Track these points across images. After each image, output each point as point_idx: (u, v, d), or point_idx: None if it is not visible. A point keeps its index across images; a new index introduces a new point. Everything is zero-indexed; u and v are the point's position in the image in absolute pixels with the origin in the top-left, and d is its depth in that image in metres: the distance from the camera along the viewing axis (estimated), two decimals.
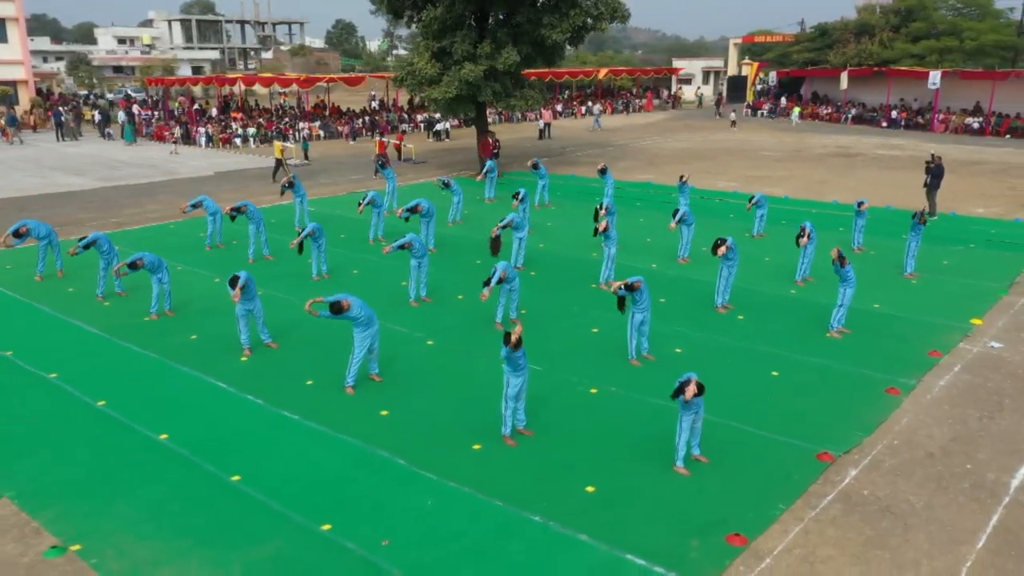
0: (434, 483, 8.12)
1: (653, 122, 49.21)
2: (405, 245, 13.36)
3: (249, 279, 11.27)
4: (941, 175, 20.65)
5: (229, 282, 11.03)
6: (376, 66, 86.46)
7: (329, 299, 9.83)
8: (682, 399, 7.91)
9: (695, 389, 7.82)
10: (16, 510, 7.66)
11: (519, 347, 8.56)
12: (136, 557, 6.93)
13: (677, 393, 7.93)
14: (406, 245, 13.37)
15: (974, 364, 11.07)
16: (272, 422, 9.48)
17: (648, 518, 7.47)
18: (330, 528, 7.33)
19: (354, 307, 9.91)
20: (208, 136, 36.84)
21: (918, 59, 43.94)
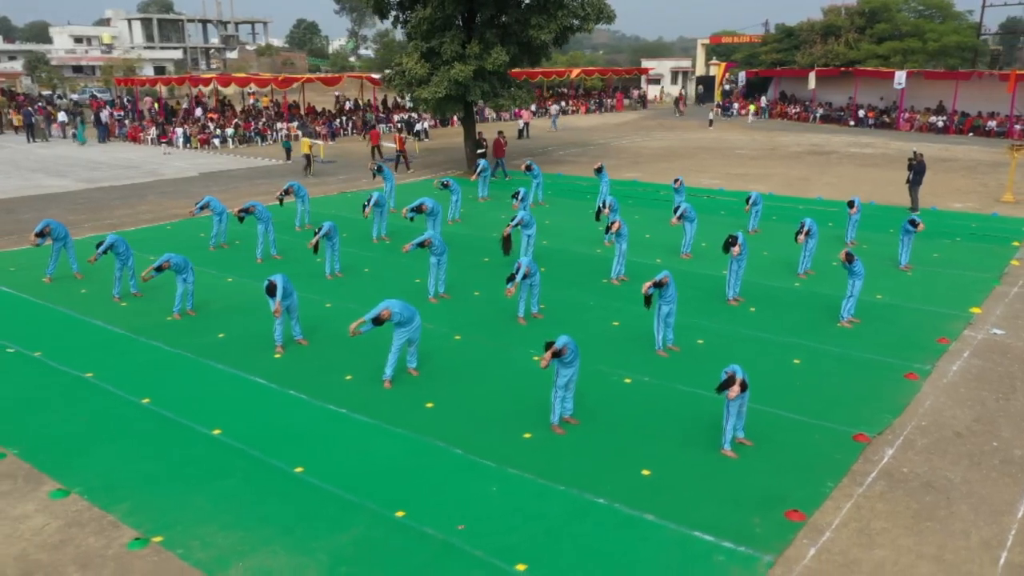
0: (494, 470, 8.39)
1: (627, 121, 49.86)
2: (424, 243, 13.58)
3: (286, 281, 11.35)
4: (923, 172, 21.42)
5: (267, 290, 11.12)
6: (343, 66, 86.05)
7: (369, 316, 9.97)
8: (723, 392, 8.28)
9: (739, 390, 8.20)
10: (88, 505, 7.76)
11: (561, 355, 8.84)
12: (221, 546, 7.10)
13: (723, 388, 8.29)
14: (425, 243, 13.59)
15: (981, 350, 11.66)
16: (321, 416, 9.66)
17: (706, 498, 7.84)
18: (404, 515, 7.57)
19: (395, 314, 10.12)
20: (186, 137, 36.45)
21: (883, 59, 45.21)
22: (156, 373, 10.92)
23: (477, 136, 28.63)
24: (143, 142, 38.27)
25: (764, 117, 49.84)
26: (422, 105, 26.58)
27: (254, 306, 13.74)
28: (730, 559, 6.89)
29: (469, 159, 28.74)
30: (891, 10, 47.81)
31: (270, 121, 39.83)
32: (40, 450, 8.79)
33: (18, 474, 8.33)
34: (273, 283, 11.17)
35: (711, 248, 17.48)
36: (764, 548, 7.01)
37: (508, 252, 15.16)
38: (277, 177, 28.40)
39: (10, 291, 14.60)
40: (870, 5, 48.54)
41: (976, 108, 41.31)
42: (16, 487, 8.08)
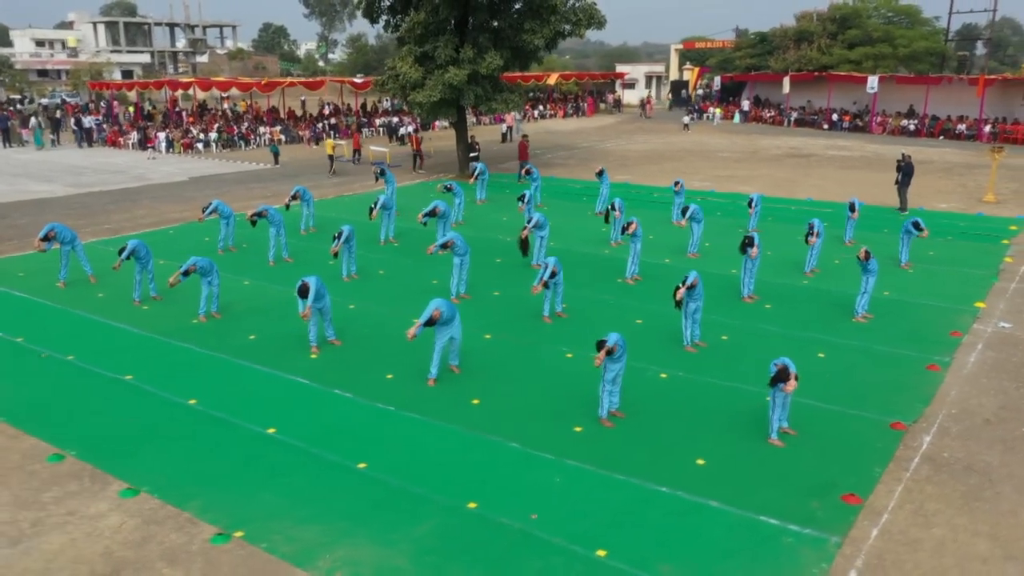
0: (553, 462, 8.62)
1: (606, 125, 50.40)
2: (448, 244, 13.77)
3: (320, 284, 11.47)
4: (911, 173, 22.11)
5: (299, 292, 11.21)
6: (315, 70, 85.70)
7: (423, 319, 10.15)
8: (777, 385, 8.61)
9: (795, 383, 8.53)
10: (160, 503, 7.84)
11: (612, 352, 9.11)
12: (304, 539, 7.24)
13: (777, 381, 8.62)
14: (448, 244, 13.78)
15: (993, 342, 12.17)
16: (371, 414, 9.80)
17: (763, 485, 8.15)
18: (476, 506, 7.77)
19: (444, 312, 10.33)
20: (169, 141, 36.12)
21: (855, 65, 46.28)
22: (196, 374, 10.98)
23: (470, 140, 28.84)
24: (123, 147, 37.83)
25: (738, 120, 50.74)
26: (416, 109, 26.69)
27: (277, 308, 13.84)
28: (799, 541, 7.20)
29: (462, 162, 28.95)
30: (861, 16, 48.98)
31: (253, 125, 39.60)
32: (98, 451, 8.82)
33: (83, 474, 8.37)
34: (306, 285, 11.25)
35: (715, 248, 17.95)
36: (829, 530, 7.34)
37: (526, 254, 15.42)
38: (267, 181, 28.37)
39: (27, 296, 14.49)
40: (841, 12, 49.69)
41: (946, 112, 42.50)
42: (84, 487, 8.13)
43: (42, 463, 8.60)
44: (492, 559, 6.98)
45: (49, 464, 8.57)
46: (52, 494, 8.00)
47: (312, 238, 19.10)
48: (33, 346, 11.98)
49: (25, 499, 7.90)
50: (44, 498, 7.92)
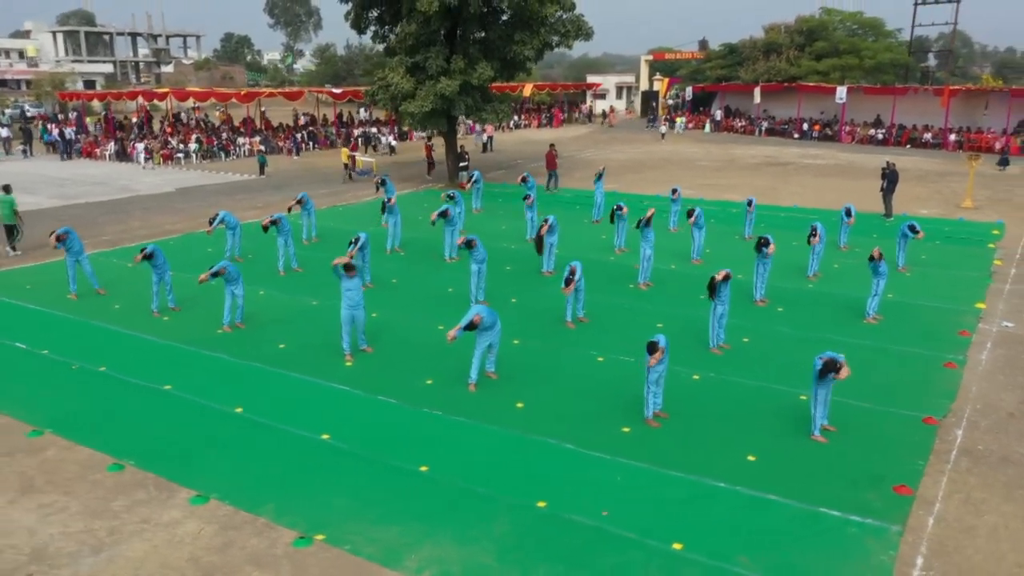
0: (609, 461, 8.87)
1: (581, 135, 50.96)
2: (472, 243, 14.02)
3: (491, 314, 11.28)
4: (896, 180, 22.87)
5: (345, 268, 11.48)
6: (282, 80, 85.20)
7: (463, 323, 10.33)
8: (827, 376, 8.96)
9: (848, 371, 8.89)
10: (232, 509, 7.91)
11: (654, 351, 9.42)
12: (384, 540, 7.37)
13: (825, 373, 8.97)
14: (472, 243, 14.02)
15: (1001, 341, 12.72)
16: (420, 418, 9.95)
17: (816, 478, 8.48)
18: (546, 505, 7.97)
19: (485, 318, 10.53)
20: (148, 152, 35.72)
21: (823, 75, 47.52)
22: (235, 383, 11.02)
23: (459, 149, 29.06)
24: (99, 158, 37.32)
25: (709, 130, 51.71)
26: (408, 119, 26.85)
27: (298, 318, 13.96)
28: (862, 531, 7.53)
29: (451, 172, 29.15)
30: (828, 29, 50.33)
31: (232, 136, 39.33)
32: (157, 460, 8.85)
33: (146, 483, 8.40)
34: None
35: (716, 254, 18.38)
36: (888, 519, 7.68)
37: (541, 252, 15.74)
38: (255, 192, 28.26)
39: (42, 308, 14.35)
40: (808, 24, 50.99)
41: (912, 121, 43.82)
42: (151, 495, 8.16)
43: (103, 473, 8.60)
44: (572, 555, 7.19)
45: (110, 474, 8.58)
46: (121, 503, 8.02)
47: (316, 248, 19.13)
48: (60, 358, 11.90)
49: (95, 508, 7.92)
50: (114, 507, 7.94)
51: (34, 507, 7.94)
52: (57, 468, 8.69)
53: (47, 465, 8.76)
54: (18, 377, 11.22)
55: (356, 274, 11.68)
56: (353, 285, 11.62)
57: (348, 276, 11.57)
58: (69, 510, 7.87)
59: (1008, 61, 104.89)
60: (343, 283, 11.60)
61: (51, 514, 7.82)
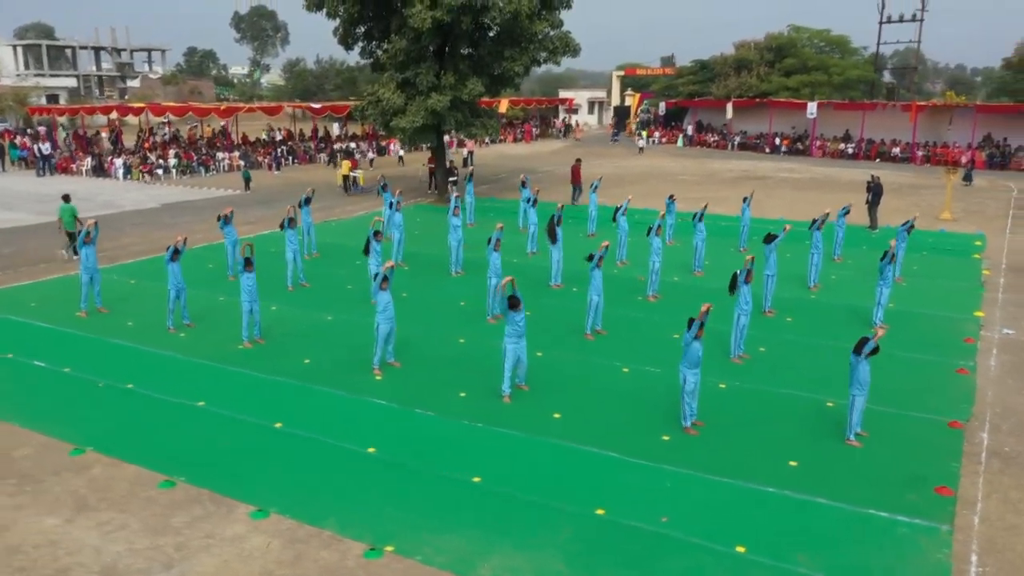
0: (655, 468, 9.07)
1: (557, 150, 51.40)
2: (497, 243, 14.26)
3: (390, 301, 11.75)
4: (881, 193, 23.54)
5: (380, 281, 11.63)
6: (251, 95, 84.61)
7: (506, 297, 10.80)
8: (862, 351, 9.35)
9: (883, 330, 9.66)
10: (295, 522, 7.95)
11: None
12: (453, 550, 7.47)
13: (861, 347, 9.37)
14: (497, 244, 14.27)
15: (1005, 347, 13.22)
16: (461, 430, 10.06)
17: (858, 481, 8.78)
18: (604, 512, 8.14)
19: (519, 320, 10.74)
20: (127, 168, 35.28)
21: (793, 91, 48.61)
22: (268, 398, 11.01)
23: (448, 164, 29.21)
24: (76, 173, 36.75)
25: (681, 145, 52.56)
26: (399, 134, 26.95)
27: (316, 333, 13.99)
28: (912, 531, 7.82)
29: (441, 187, 29.27)
30: (796, 46, 51.52)
31: (211, 151, 39.01)
32: (207, 475, 8.83)
33: (201, 498, 8.38)
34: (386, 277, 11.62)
35: (715, 265, 18.71)
36: (935, 519, 7.99)
37: (555, 240, 16.05)
38: (243, 207, 27.91)
39: (53, 326, 14.15)
40: (777, 41, 52.17)
41: (880, 136, 45.03)
42: (209, 511, 8.15)
43: (155, 490, 8.57)
44: (641, 560, 7.36)
45: (163, 491, 8.55)
46: (180, 519, 8.00)
47: (318, 263, 19.10)
48: (84, 376, 11.78)
49: (155, 525, 7.89)
50: (175, 523, 7.92)
51: (92, 525, 7.89)
52: (107, 486, 8.63)
53: (97, 483, 8.69)
54: (47, 396, 11.09)
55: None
56: (390, 298, 11.72)
57: (383, 290, 11.65)
58: (129, 527, 7.83)
59: (959, 77, 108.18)
60: (380, 296, 11.68)
61: (112, 532, 7.77)
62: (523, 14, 25.04)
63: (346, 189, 31.20)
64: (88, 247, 14.82)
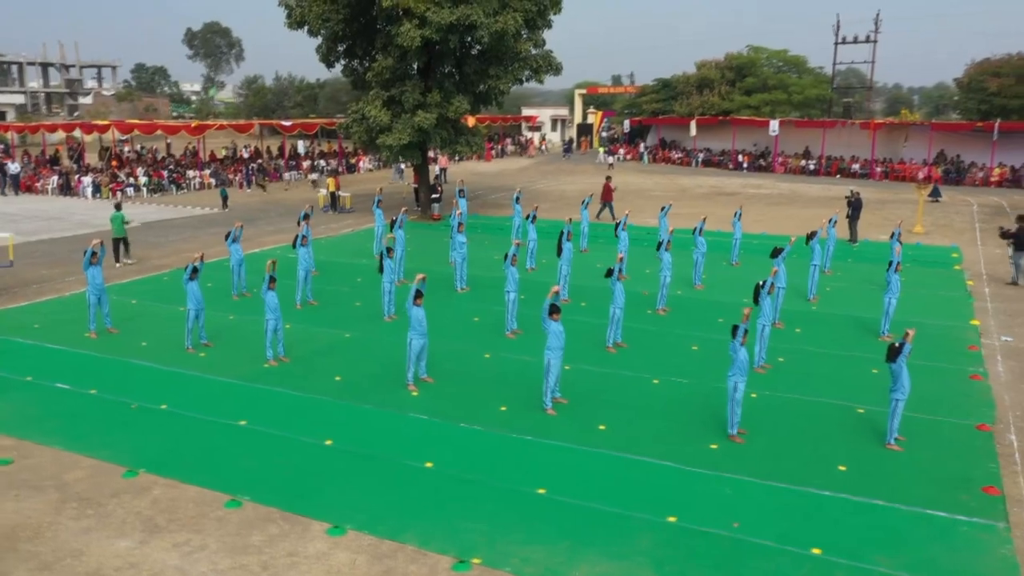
0: (711, 476, 9.30)
1: (525, 167, 51.85)
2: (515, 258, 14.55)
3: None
4: (860, 207, 24.36)
5: (414, 296, 11.83)
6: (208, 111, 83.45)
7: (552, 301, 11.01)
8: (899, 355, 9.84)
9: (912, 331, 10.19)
10: (375, 538, 7.96)
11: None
12: (539, 561, 7.56)
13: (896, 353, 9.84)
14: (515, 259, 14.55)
15: (1008, 353, 13.83)
16: (513, 444, 10.16)
17: (908, 483, 9.13)
18: (676, 520, 8.32)
19: (560, 332, 10.94)
20: (96, 187, 34.53)
21: (754, 110, 49.93)
22: (309, 416, 10.97)
23: (432, 181, 29.31)
24: (42, 192, 35.84)
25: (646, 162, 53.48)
26: (385, 151, 26.99)
27: (339, 350, 14.01)
28: (972, 529, 8.18)
29: (424, 204, 29.33)
30: (756, 65, 52.95)
31: (181, 168, 38.44)
32: (272, 494, 8.78)
33: (273, 517, 8.33)
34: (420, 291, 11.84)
35: (711, 280, 19.12)
36: (990, 517, 8.37)
37: (561, 254, 16.32)
38: (220, 226, 27.66)
39: (66, 348, 13.84)
40: (737, 61, 53.55)
41: (839, 152, 46.47)
42: (284, 529, 8.11)
43: (222, 509, 8.48)
44: (724, 564, 7.56)
45: (230, 510, 8.47)
46: (257, 538, 7.94)
47: (317, 281, 18.89)
48: (113, 397, 11.57)
49: (234, 545, 7.82)
50: (253, 542, 7.87)
51: (169, 546, 7.78)
52: (172, 507, 8.52)
53: (160, 504, 8.57)
54: (82, 419, 10.87)
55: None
56: (423, 314, 11.79)
57: (417, 305, 11.74)
58: (208, 548, 7.75)
59: (898, 96, 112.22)
60: (413, 312, 11.75)
61: (191, 552, 7.68)
62: (509, 33, 25.39)
63: (334, 206, 30.91)
64: (95, 267, 14.58)
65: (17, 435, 10.28)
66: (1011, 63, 44.61)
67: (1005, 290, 18.48)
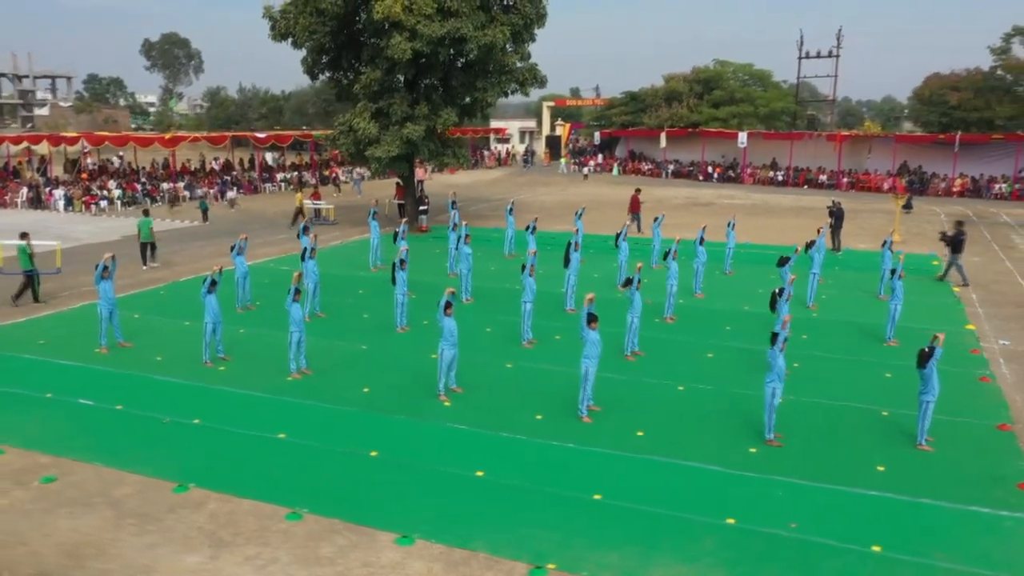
0: (758, 479, 9.54)
1: (497, 178, 52.10)
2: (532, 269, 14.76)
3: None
4: (842, 217, 25.02)
5: (444, 307, 11.86)
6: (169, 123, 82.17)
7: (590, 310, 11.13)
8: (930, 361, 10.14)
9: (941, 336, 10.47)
10: (444, 547, 8.02)
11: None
12: (613, 565, 7.69)
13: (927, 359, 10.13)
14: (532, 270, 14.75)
15: (1009, 357, 14.38)
16: (559, 452, 10.27)
17: (948, 481, 9.48)
18: (735, 522, 8.52)
19: (597, 342, 11.10)
20: (67, 200, 33.81)
21: (722, 122, 50.93)
22: (349, 428, 10.97)
23: (419, 193, 29.34)
24: (11, 205, 34.96)
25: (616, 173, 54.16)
26: (375, 163, 26.96)
27: (359, 362, 14.02)
28: (1016, 524, 8.53)
29: (411, 215, 29.31)
30: (723, 78, 54.08)
31: (156, 181, 37.84)
32: (330, 506, 8.77)
33: (337, 528, 8.33)
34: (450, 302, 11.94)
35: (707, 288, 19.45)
36: None
37: (568, 265, 16.49)
38: (207, 239, 27.43)
39: (81, 364, 13.58)
40: (704, 75, 54.60)
41: (807, 164, 47.62)
42: (353, 541, 8.11)
43: (284, 522, 8.45)
44: (792, 563, 7.77)
45: (292, 522, 8.44)
46: (327, 550, 7.93)
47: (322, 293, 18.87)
48: (140, 412, 11.41)
49: (305, 557, 7.80)
50: (324, 554, 7.85)
51: (241, 560, 7.73)
52: (232, 521, 8.45)
53: (219, 519, 8.50)
54: (116, 434, 10.70)
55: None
56: (455, 324, 11.87)
57: (447, 316, 11.80)
58: (281, 560, 7.72)
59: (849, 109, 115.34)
60: (445, 323, 11.81)
61: (265, 565, 7.64)
62: (498, 47, 25.63)
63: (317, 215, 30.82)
64: (106, 281, 14.36)
65: (52, 452, 10.09)
66: (970, 78, 46.24)
67: (992, 296, 19.16)
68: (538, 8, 27.15)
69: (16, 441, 10.41)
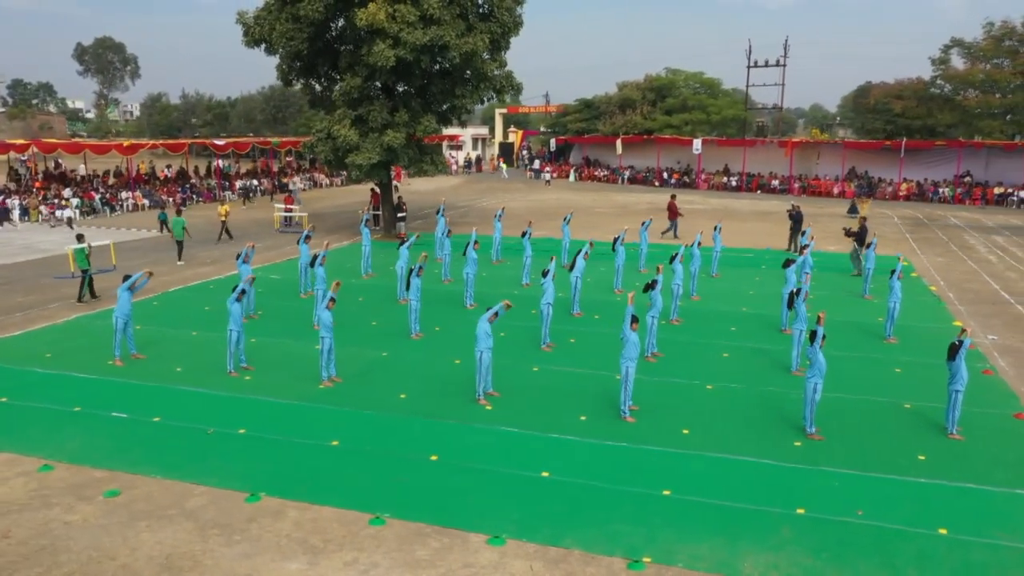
0: (812, 471, 9.95)
1: (457, 185, 52.17)
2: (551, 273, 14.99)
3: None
4: (801, 220, 25.94)
5: (491, 313, 12.10)
6: (108, 130, 79.85)
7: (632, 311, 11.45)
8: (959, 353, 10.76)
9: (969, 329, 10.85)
10: (536, 545, 8.18)
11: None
12: (705, 556, 7.98)
13: (956, 352, 10.70)
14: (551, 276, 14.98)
15: (1002, 351, 15.21)
16: (612, 452, 10.50)
17: (987, 467, 10.06)
18: (805, 511, 8.89)
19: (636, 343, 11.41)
20: (24, 210, 32.61)
21: (676, 129, 52.10)
22: (398, 434, 11.00)
23: (397, 200, 29.28)
24: None
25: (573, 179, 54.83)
26: (355, 171, 26.82)
27: (385, 368, 14.03)
28: None
29: (388, 223, 29.25)
30: (676, 86, 55.33)
31: (115, 189, 36.77)
32: (411, 509, 8.84)
33: (427, 532, 8.40)
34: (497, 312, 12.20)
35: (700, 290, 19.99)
36: None
37: (571, 269, 16.83)
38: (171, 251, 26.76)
39: (102, 377, 13.24)
40: (656, 83, 55.77)
41: (759, 169, 49.04)
42: (445, 543, 8.19)
43: (370, 527, 8.48)
44: (871, 548, 8.17)
45: (378, 527, 8.48)
46: (423, 553, 8.00)
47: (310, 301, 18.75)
48: (181, 424, 11.23)
49: (404, 560, 7.86)
50: (422, 557, 7.92)
51: (341, 566, 7.74)
52: (319, 528, 8.44)
53: (304, 527, 8.48)
54: (165, 446, 10.51)
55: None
56: (491, 328, 12.03)
57: (491, 321, 11.96)
58: (381, 565, 7.76)
59: (782, 115, 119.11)
60: (485, 327, 11.95)
61: (366, 570, 7.68)
62: (478, 54, 25.82)
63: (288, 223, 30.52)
64: (128, 293, 14.07)
65: (105, 466, 9.88)
66: (912, 87, 48.35)
67: (966, 294, 20.17)
68: (514, 16, 27.44)
69: (62, 456, 10.16)
